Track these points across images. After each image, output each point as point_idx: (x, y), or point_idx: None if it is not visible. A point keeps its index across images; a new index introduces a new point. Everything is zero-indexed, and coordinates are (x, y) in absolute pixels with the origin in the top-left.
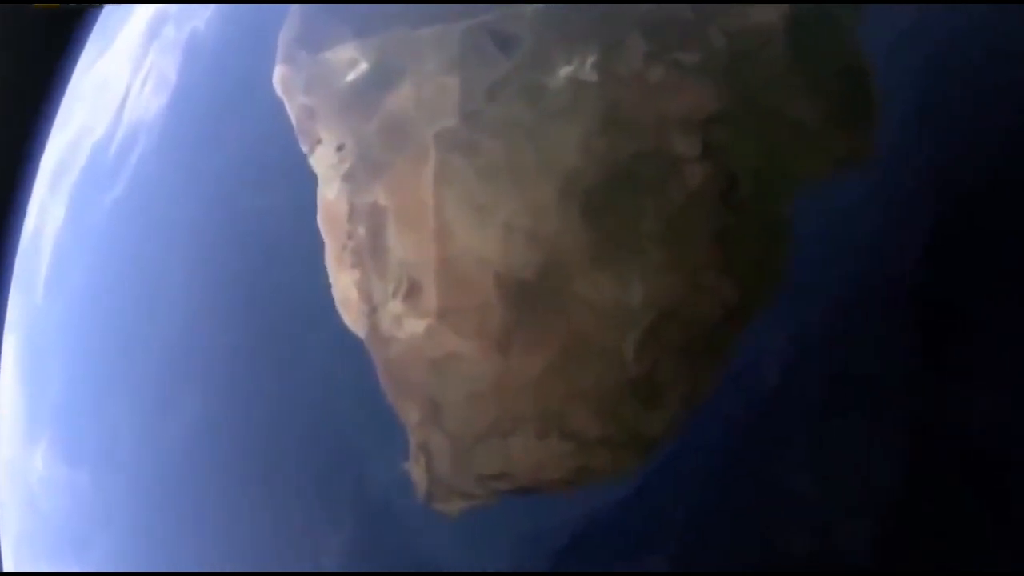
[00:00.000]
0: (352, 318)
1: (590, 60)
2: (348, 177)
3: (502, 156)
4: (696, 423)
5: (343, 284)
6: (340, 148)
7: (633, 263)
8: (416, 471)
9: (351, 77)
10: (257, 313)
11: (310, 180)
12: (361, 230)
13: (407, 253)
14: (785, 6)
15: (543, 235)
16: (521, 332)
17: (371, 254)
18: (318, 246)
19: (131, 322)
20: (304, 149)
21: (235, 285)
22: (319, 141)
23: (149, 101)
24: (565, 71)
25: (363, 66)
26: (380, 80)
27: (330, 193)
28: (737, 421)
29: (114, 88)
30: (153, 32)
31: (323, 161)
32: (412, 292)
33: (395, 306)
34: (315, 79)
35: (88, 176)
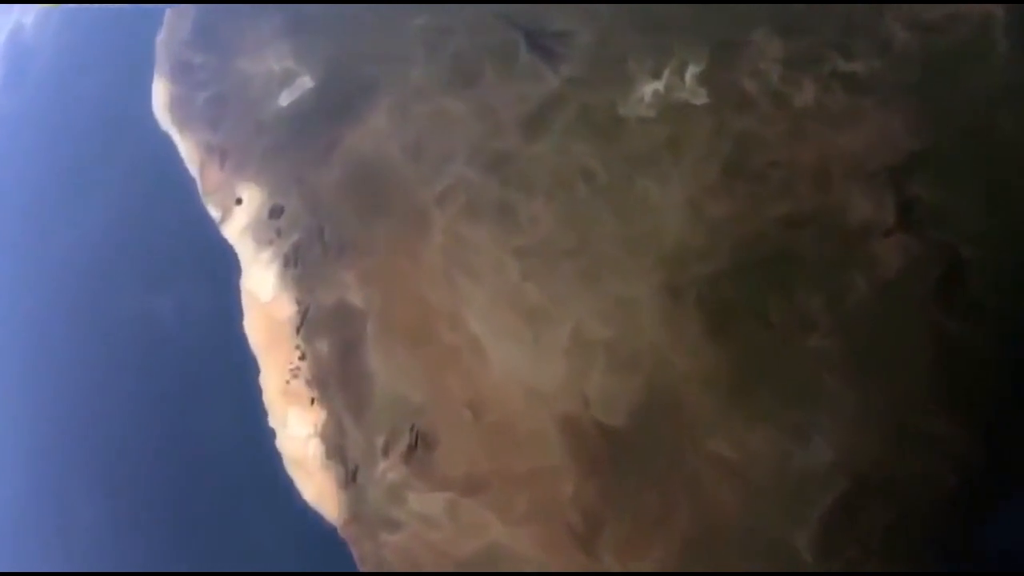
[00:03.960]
0: (314, 487)
1: (692, 70)
2: (294, 260)
3: (560, 227)
4: None
5: (295, 432)
6: (276, 212)
7: (803, 399)
8: None
9: (287, 99)
10: (152, 479)
11: (225, 263)
12: (322, 346)
13: (406, 384)
14: None
15: (640, 353)
16: (613, 513)
17: (342, 384)
18: (246, 370)
19: None
20: (213, 214)
21: (107, 438)
22: (238, 201)
23: None
24: (651, 88)
25: (305, 81)
26: (336, 102)
27: (263, 286)
28: None
29: None
30: None
31: (248, 233)
32: (419, 447)
33: (390, 469)
34: (225, 102)
35: None
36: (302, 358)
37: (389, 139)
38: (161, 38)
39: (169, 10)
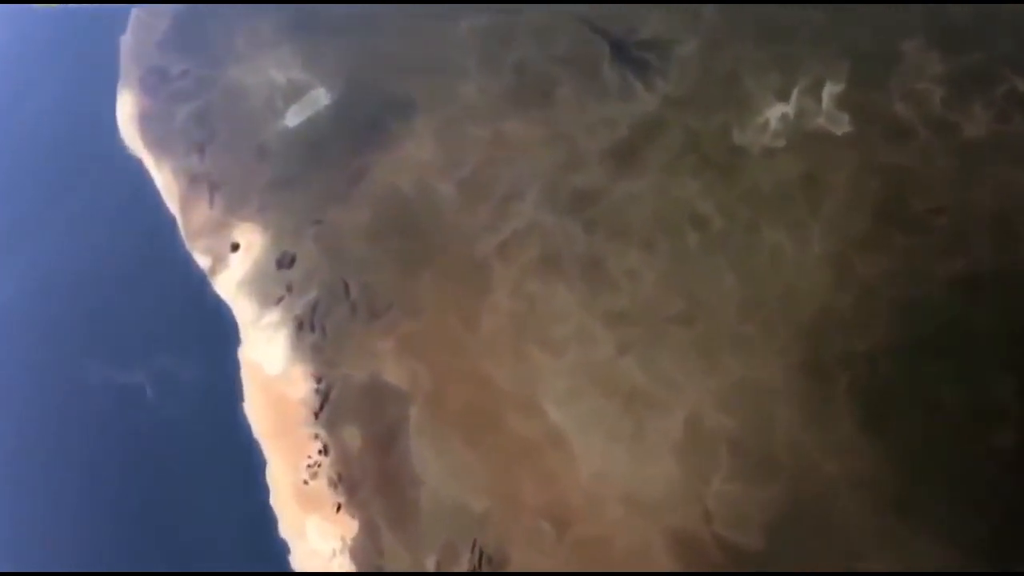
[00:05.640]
0: None
1: (828, 90)
2: (310, 324)
3: (665, 287)
4: None
5: (316, 547)
6: (286, 262)
7: (991, 513)
8: None
9: (296, 117)
10: None
11: (218, 327)
12: (351, 436)
13: (465, 488)
14: None
15: (775, 451)
16: None
17: (378, 486)
18: (248, 465)
19: None
20: (200, 262)
21: (69, 555)
22: (234, 247)
23: None
24: (777, 112)
25: (319, 95)
26: (362, 123)
27: (269, 357)
28: None
29: None
30: None
31: (248, 289)
32: (484, 569)
33: None
34: (214, 121)
35: None
36: (323, 451)
37: (433, 170)
38: (127, 40)
39: (136, 8)
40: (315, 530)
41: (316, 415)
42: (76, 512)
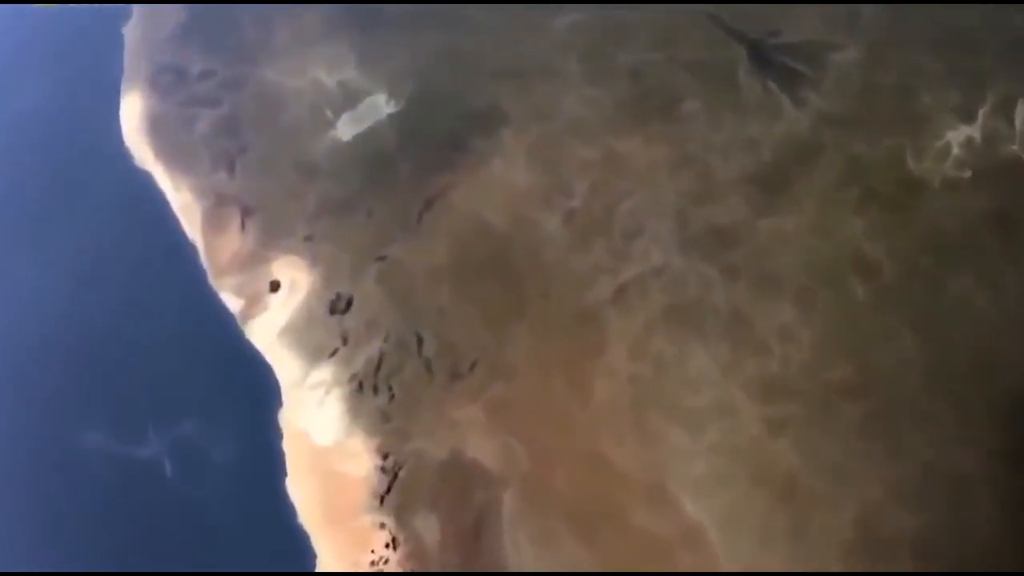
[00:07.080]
0: None
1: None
2: (373, 385)
3: (827, 350)
4: None
5: None
6: (340, 306)
7: None
8: None
9: (351, 129)
10: None
11: (253, 385)
12: (427, 527)
13: None
14: None
15: (972, 557)
16: None
17: None
18: (292, 556)
19: None
20: (230, 304)
21: None
22: (274, 286)
23: None
24: (960, 135)
25: (379, 102)
26: (436, 137)
27: (320, 424)
28: None
29: None
30: None
31: (292, 338)
32: None
33: None
34: (245, 131)
35: None
36: (391, 545)
37: (529, 198)
38: (133, 32)
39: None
40: None
41: (381, 499)
42: None
